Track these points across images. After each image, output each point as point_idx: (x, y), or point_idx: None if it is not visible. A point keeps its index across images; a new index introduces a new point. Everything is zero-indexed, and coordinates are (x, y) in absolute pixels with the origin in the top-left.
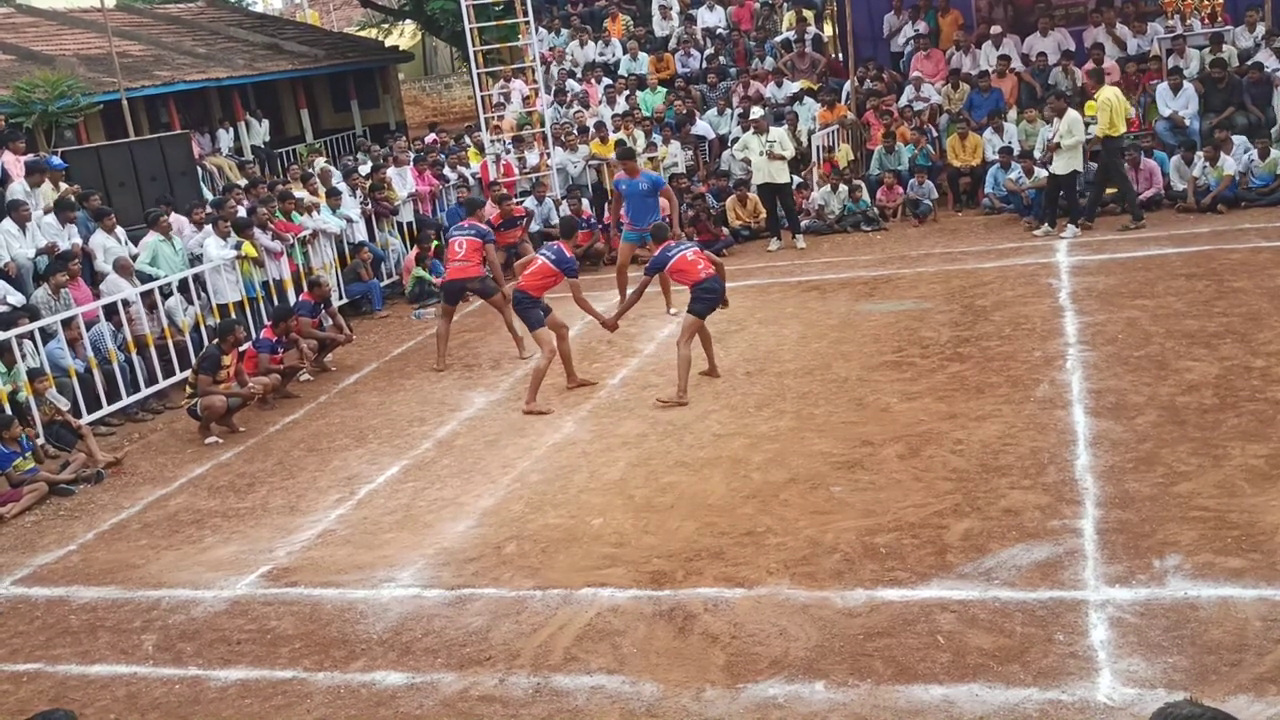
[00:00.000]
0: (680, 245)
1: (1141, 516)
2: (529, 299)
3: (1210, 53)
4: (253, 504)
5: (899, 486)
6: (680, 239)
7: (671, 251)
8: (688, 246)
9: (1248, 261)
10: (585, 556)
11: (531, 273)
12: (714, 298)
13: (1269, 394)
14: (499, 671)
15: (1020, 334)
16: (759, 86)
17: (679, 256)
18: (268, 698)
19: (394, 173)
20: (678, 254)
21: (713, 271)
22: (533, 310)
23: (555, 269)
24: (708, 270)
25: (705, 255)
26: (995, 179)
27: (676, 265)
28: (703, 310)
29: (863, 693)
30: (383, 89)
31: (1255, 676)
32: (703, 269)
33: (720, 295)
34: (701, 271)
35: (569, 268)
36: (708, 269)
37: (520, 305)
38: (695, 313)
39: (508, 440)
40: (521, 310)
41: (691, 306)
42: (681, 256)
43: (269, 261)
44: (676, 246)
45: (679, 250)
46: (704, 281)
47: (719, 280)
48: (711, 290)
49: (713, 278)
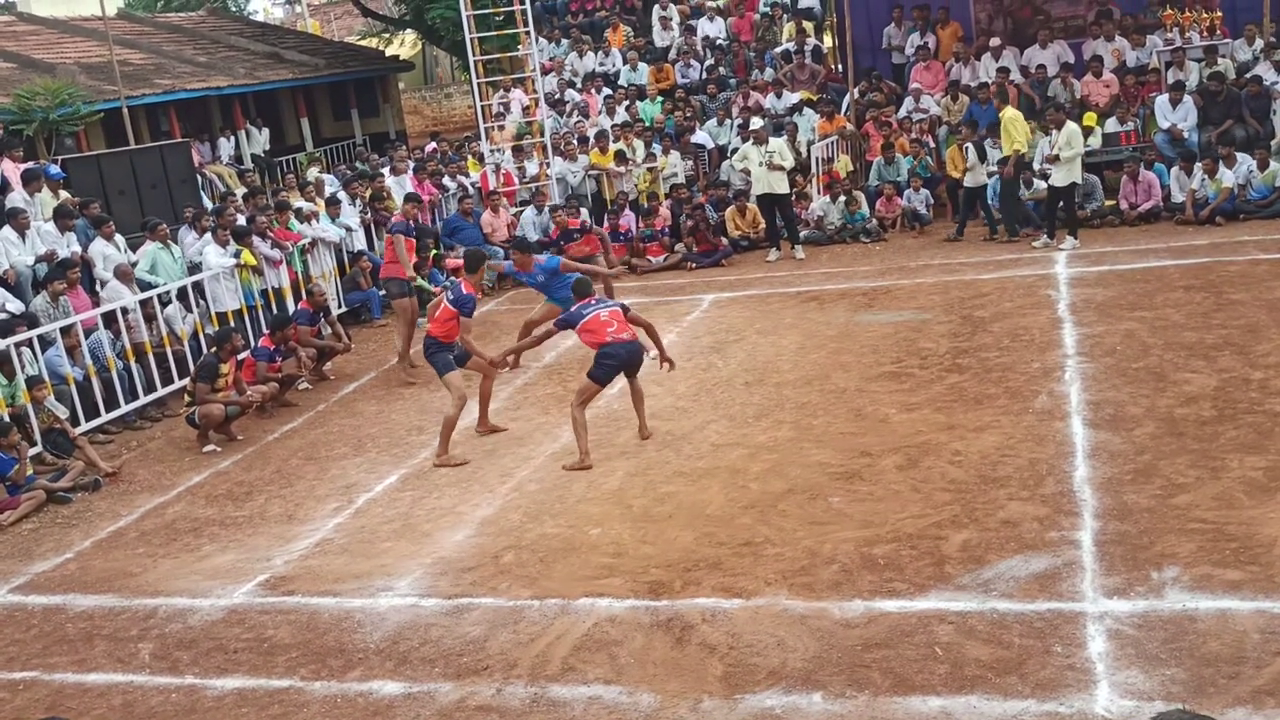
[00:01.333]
0: (597, 304)
1: (1140, 528)
2: (436, 344)
3: (1208, 65)
4: (250, 512)
5: (897, 497)
6: (600, 297)
7: (586, 310)
8: (605, 306)
9: (1246, 274)
10: (583, 566)
11: (435, 318)
12: (614, 364)
13: (1267, 406)
14: (496, 681)
15: (1019, 345)
16: (759, 97)
17: (591, 316)
18: (264, 707)
19: (393, 182)
20: (590, 314)
21: (625, 337)
22: (439, 355)
23: (454, 309)
24: (618, 334)
25: (623, 317)
26: (994, 190)
27: (586, 325)
28: (601, 376)
29: (860, 704)
30: (383, 98)
31: (1253, 689)
32: (612, 332)
33: (627, 361)
34: (609, 334)
35: (465, 308)
36: (619, 332)
37: (428, 351)
38: (593, 377)
39: (506, 450)
40: (429, 356)
41: (591, 370)
42: (594, 317)
43: (268, 270)
44: (593, 306)
45: (593, 310)
46: (607, 345)
47: (627, 346)
48: (612, 356)
49: (621, 343)
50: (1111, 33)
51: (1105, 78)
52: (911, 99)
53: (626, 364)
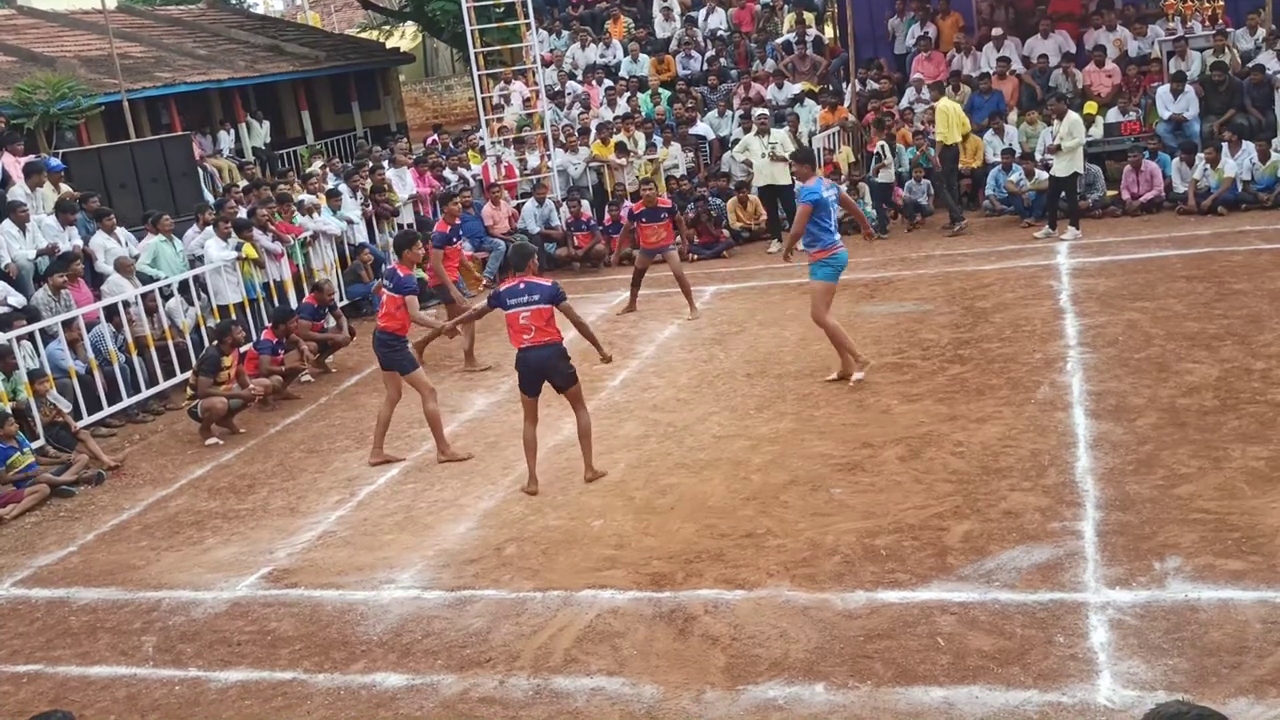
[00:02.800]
0: (524, 294)
1: (1142, 519)
2: (390, 339)
3: (1215, 53)
4: (253, 505)
5: (899, 488)
6: (529, 283)
7: (511, 300)
8: (530, 302)
9: (1248, 264)
10: (585, 558)
11: (383, 313)
12: (524, 372)
13: (1269, 396)
14: (499, 673)
15: (1021, 336)
16: (760, 88)
17: (511, 311)
18: (268, 699)
19: (394, 174)
20: (512, 308)
21: (539, 340)
22: (401, 353)
23: (397, 295)
24: (535, 339)
25: (542, 316)
26: (996, 181)
27: (507, 318)
28: (520, 385)
29: (863, 695)
30: (384, 90)
31: (1255, 679)
32: (529, 338)
33: (537, 370)
34: (524, 338)
35: (406, 288)
36: (536, 337)
37: (383, 349)
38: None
39: (508, 442)
40: (387, 355)
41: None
42: (513, 313)
43: (269, 263)
44: (520, 294)
45: (516, 303)
46: (522, 349)
47: (537, 352)
48: (524, 363)
49: (532, 347)
50: (1113, 22)
51: (1107, 68)
52: (913, 89)
53: (537, 373)
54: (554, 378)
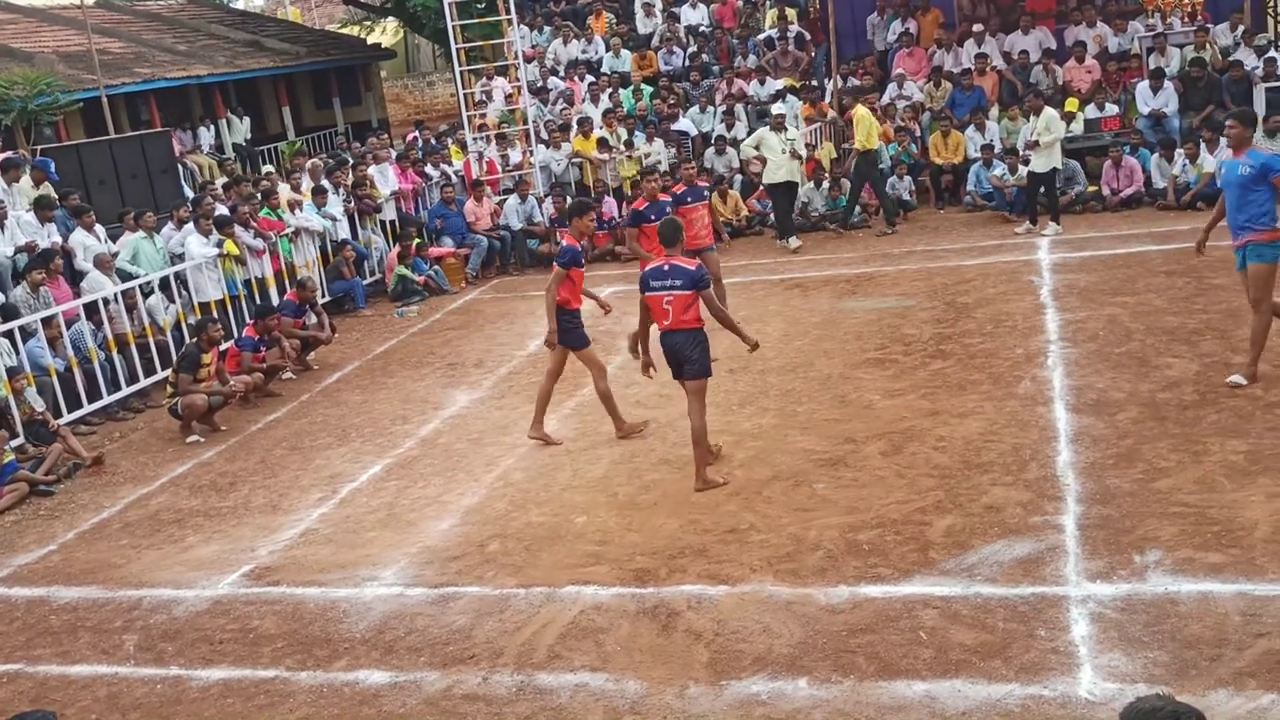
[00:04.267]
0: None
1: (1122, 512)
2: (564, 313)
3: (1197, 48)
4: (234, 503)
5: (882, 483)
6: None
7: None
8: (668, 289)
9: (1227, 259)
10: (569, 554)
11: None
12: (666, 354)
13: (1248, 390)
14: (482, 670)
15: (1002, 331)
16: (742, 84)
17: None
18: (250, 697)
19: (376, 170)
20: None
21: (676, 325)
22: (572, 330)
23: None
24: (674, 323)
25: (683, 302)
26: (977, 176)
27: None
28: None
29: (846, 689)
30: (365, 86)
31: (1235, 671)
32: (667, 322)
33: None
34: (664, 322)
35: (563, 259)
36: (675, 323)
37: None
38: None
39: (491, 438)
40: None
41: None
42: (655, 297)
43: (251, 259)
44: (659, 276)
45: (656, 288)
46: (662, 332)
47: (676, 337)
48: (663, 346)
49: (672, 331)
50: (1093, 18)
51: (1087, 63)
52: (895, 85)
53: (673, 357)
54: (686, 366)
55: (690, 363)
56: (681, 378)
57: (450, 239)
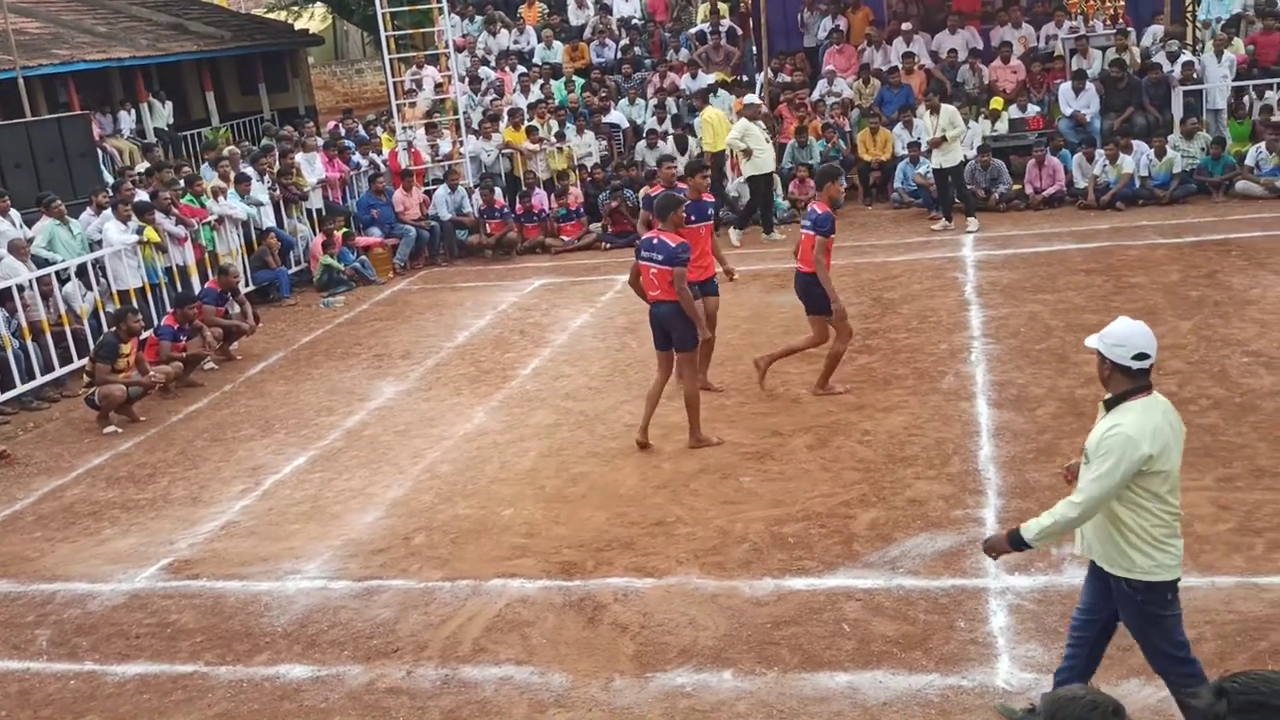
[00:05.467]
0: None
1: (1041, 505)
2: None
3: (1119, 50)
4: (153, 495)
5: (807, 477)
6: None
7: (641, 252)
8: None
9: (1144, 258)
10: (495, 547)
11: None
12: (652, 323)
13: (1163, 387)
14: (406, 663)
15: (927, 327)
16: (674, 77)
17: (641, 264)
18: (167, 693)
19: (303, 158)
20: (643, 259)
21: (662, 297)
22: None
23: (812, 233)
24: (660, 295)
25: (665, 277)
26: (904, 174)
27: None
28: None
29: (770, 681)
30: (292, 73)
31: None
32: (655, 293)
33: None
34: (652, 293)
35: (823, 228)
36: (661, 295)
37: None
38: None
39: (418, 431)
40: (807, 292)
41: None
42: (644, 266)
43: (172, 247)
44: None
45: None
46: (651, 303)
47: (662, 308)
48: (650, 316)
49: (658, 302)
50: (1019, 19)
51: (1012, 64)
52: (825, 82)
53: (658, 327)
54: (673, 336)
55: (678, 334)
56: (667, 348)
57: (378, 229)
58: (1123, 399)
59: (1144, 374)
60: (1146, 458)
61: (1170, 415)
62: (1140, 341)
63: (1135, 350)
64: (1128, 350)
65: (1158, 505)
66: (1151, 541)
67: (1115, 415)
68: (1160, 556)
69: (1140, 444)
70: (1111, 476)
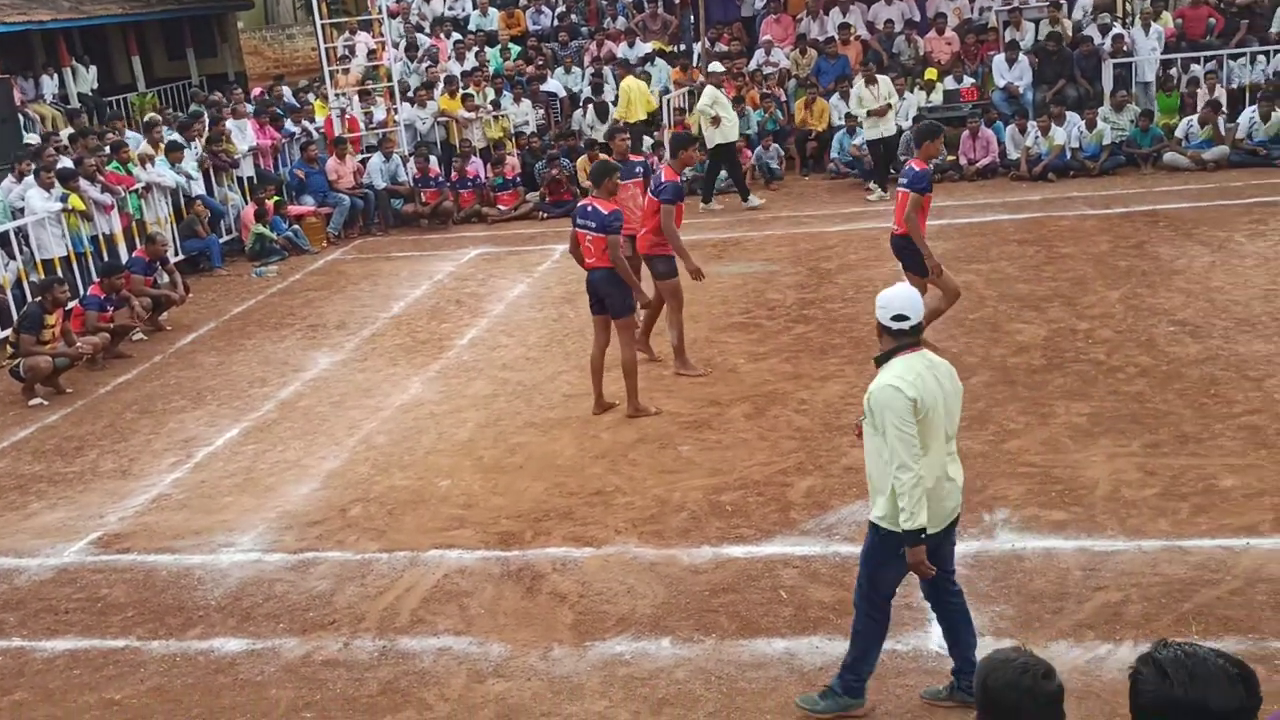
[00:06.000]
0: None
1: (974, 472)
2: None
3: (1052, 22)
4: (81, 468)
5: (745, 445)
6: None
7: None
8: (585, 229)
9: (1075, 229)
10: (433, 518)
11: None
12: (588, 289)
13: (1092, 355)
14: (343, 635)
15: (863, 296)
16: (611, 46)
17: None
18: (98, 668)
19: (233, 125)
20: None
21: (597, 263)
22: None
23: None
24: (596, 261)
25: (600, 245)
26: (840, 144)
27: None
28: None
29: (708, 647)
30: (221, 38)
31: (1075, 623)
32: (591, 260)
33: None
34: (588, 260)
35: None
36: (597, 261)
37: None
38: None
39: (353, 402)
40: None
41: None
42: (580, 233)
43: (98, 215)
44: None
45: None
46: (588, 269)
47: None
48: (587, 282)
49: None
50: None
51: (947, 35)
52: (762, 51)
53: (594, 293)
54: (607, 301)
55: (612, 300)
56: (603, 313)
57: (311, 197)
58: (890, 356)
59: (905, 334)
60: (912, 402)
61: (938, 370)
62: (899, 304)
63: (893, 312)
64: (888, 311)
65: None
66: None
67: (882, 372)
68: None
69: (903, 389)
70: (895, 425)
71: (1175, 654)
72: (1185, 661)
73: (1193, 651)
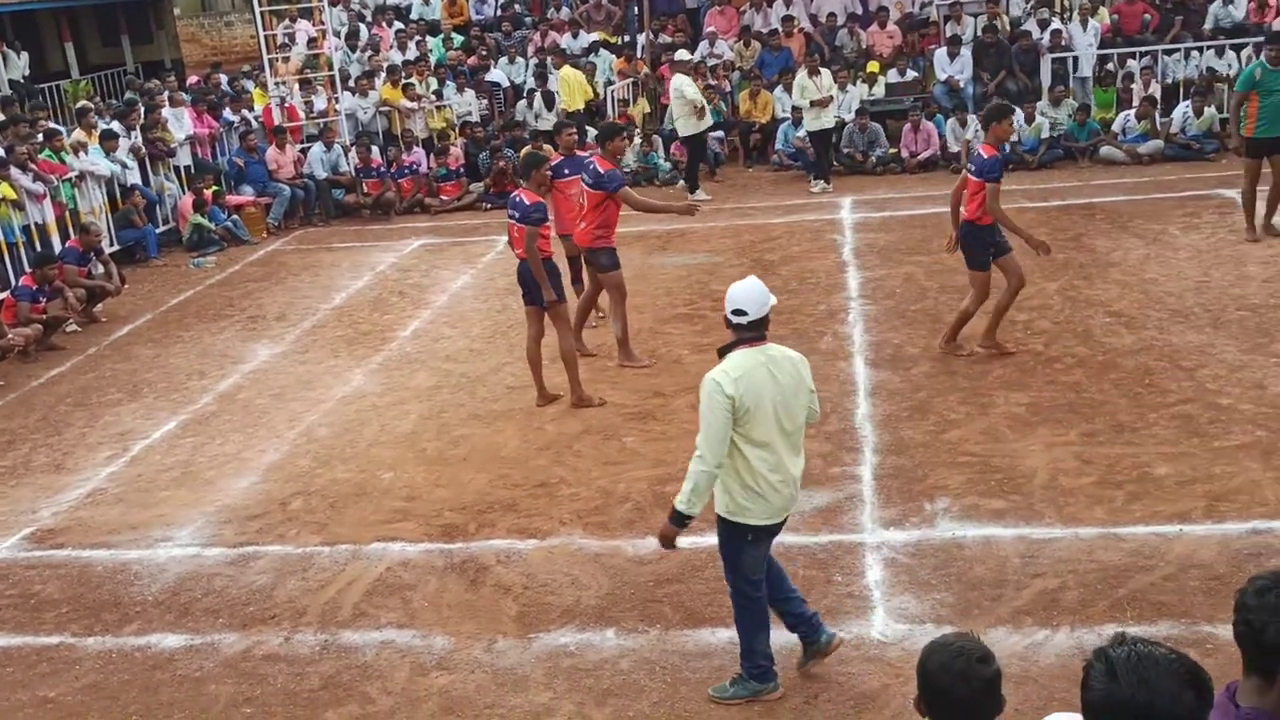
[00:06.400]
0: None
1: (915, 462)
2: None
3: (990, 16)
4: (13, 462)
5: (690, 436)
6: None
7: (509, 211)
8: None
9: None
10: (375, 511)
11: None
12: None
13: (1030, 345)
14: (284, 630)
15: (806, 288)
16: (555, 36)
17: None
18: (31, 665)
19: (170, 113)
20: (510, 217)
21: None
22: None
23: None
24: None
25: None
26: (785, 136)
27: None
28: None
29: (652, 638)
30: (156, 24)
31: (1014, 610)
32: (517, 251)
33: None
34: (516, 250)
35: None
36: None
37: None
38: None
39: (294, 394)
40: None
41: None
42: (510, 224)
43: (30, 204)
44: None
45: (510, 215)
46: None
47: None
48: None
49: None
50: None
51: (889, 29)
52: (706, 43)
53: (522, 284)
54: (532, 291)
55: (537, 291)
56: (534, 304)
57: (251, 187)
58: (730, 349)
59: (745, 328)
60: (730, 400)
61: (777, 366)
62: (739, 299)
63: (733, 306)
64: (729, 306)
65: (747, 451)
66: (735, 483)
67: (719, 365)
68: (741, 500)
69: (723, 386)
70: (707, 419)
71: (1128, 654)
72: (1136, 664)
73: (1147, 653)
